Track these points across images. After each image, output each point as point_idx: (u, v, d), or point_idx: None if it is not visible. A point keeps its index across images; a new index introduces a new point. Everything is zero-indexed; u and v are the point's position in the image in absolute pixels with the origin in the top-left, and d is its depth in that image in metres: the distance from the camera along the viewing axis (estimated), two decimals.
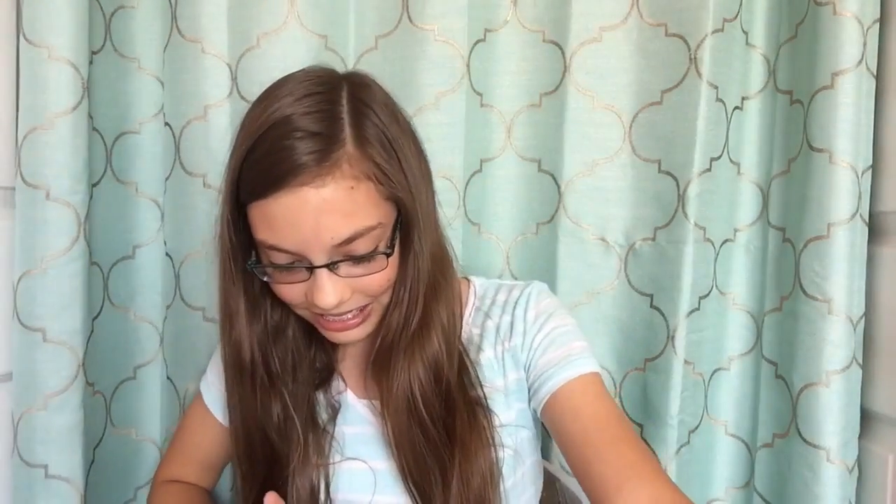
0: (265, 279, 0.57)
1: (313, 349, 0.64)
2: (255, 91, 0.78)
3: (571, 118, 0.80)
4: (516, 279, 0.85)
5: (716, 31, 0.75)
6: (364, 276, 0.55)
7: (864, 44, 0.69)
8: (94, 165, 0.75)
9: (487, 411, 0.59)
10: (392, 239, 0.56)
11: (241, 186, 0.53)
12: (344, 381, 0.64)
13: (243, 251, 0.57)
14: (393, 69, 0.81)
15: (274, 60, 0.79)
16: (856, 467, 0.73)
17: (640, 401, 0.82)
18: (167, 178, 0.83)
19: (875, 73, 0.71)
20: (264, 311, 0.60)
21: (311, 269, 0.53)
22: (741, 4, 0.77)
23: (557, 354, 0.60)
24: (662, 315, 0.79)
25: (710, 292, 0.80)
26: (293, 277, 0.55)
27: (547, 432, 0.61)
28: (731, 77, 0.78)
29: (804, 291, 0.73)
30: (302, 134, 0.51)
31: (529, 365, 0.61)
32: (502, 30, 0.82)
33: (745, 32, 0.80)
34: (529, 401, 0.61)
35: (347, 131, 0.52)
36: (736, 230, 0.83)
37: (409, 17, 0.79)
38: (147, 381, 0.86)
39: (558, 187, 0.82)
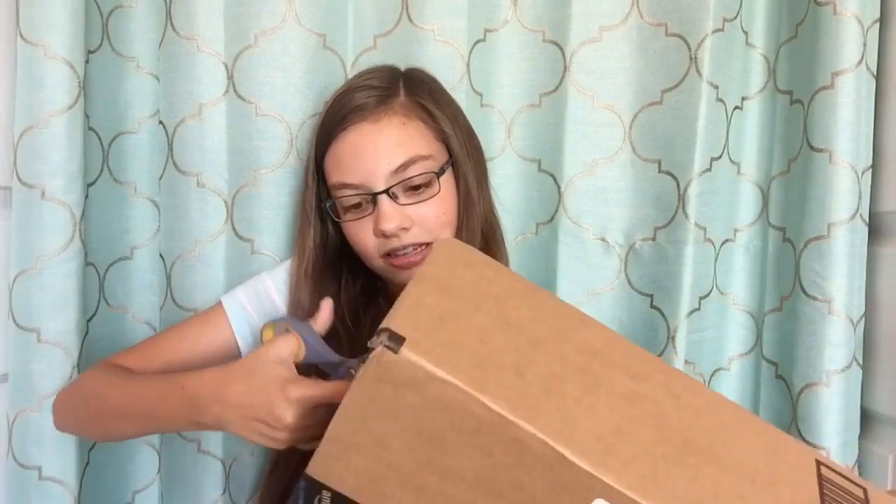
0: (339, 220, 0.66)
1: (371, 313, 0.68)
2: (252, 89, 0.79)
3: (571, 118, 0.80)
4: None
5: (716, 30, 0.75)
6: (421, 202, 0.63)
7: (864, 44, 0.69)
8: (90, 165, 0.75)
9: None
10: (443, 167, 0.65)
11: (317, 144, 0.66)
12: None
13: (321, 210, 0.68)
14: None
15: (272, 59, 0.78)
16: (856, 467, 0.73)
17: None
18: (160, 178, 0.82)
19: (875, 73, 0.71)
20: (338, 269, 0.69)
21: (374, 197, 0.62)
22: (741, 4, 0.77)
23: None
24: (663, 315, 0.79)
25: (710, 292, 0.80)
26: (361, 213, 0.64)
27: None
28: (731, 77, 0.78)
29: (804, 291, 0.73)
30: (362, 87, 0.65)
31: None
32: (502, 30, 0.82)
33: (745, 32, 0.80)
34: None
35: (401, 85, 0.66)
36: (736, 230, 0.83)
37: (409, 17, 0.79)
38: None
39: (558, 187, 0.82)
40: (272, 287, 0.71)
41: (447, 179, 0.65)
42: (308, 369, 0.53)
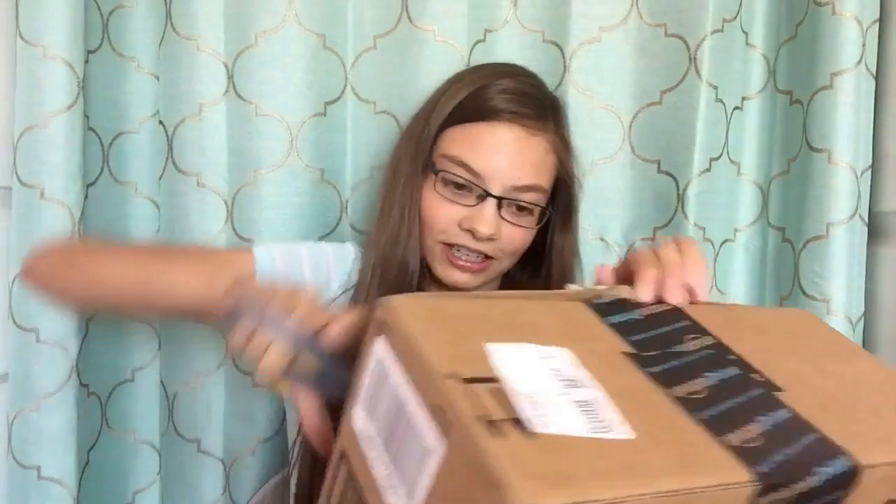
0: (436, 187, 0.63)
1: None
2: (252, 89, 0.79)
3: (571, 118, 0.79)
4: None
5: (715, 31, 0.75)
6: (514, 225, 0.63)
7: (864, 44, 0.69)
8: (90, 165, 0.75)
9: None
10: (548, 208, 0.66)
11: (458, 108, 0.63)
12: None
13: (425, 164, 0.64)
14: (392, 69, 0.80)
15: (272, 59, 0.78)
16: None
17: None
18: (160, 178, 0.82)
19: (874, 73, 0.71)
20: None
21: (485, 197, 0.62)
22: (741, 4, 0.78)
23: None
24: None
25: (709, 293, 0.80)
26: (460, 198, 0.63)
27: None
28: (731, 77, 0.78)
29: (803, 291, 0.73)
30: (528, 93, 0.63)
31: None
32: (502, 30, 0.82)
33: (745, 32, 0.80)
34: None
35: (550, 114, 0.65)
36: (735, 230, 0.83)
37: (409, 18, 0.79)
38: (145, 384, 0.85)
39: None
40: (306, 257, 0.66)
41: (548, 210, 0.66)
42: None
